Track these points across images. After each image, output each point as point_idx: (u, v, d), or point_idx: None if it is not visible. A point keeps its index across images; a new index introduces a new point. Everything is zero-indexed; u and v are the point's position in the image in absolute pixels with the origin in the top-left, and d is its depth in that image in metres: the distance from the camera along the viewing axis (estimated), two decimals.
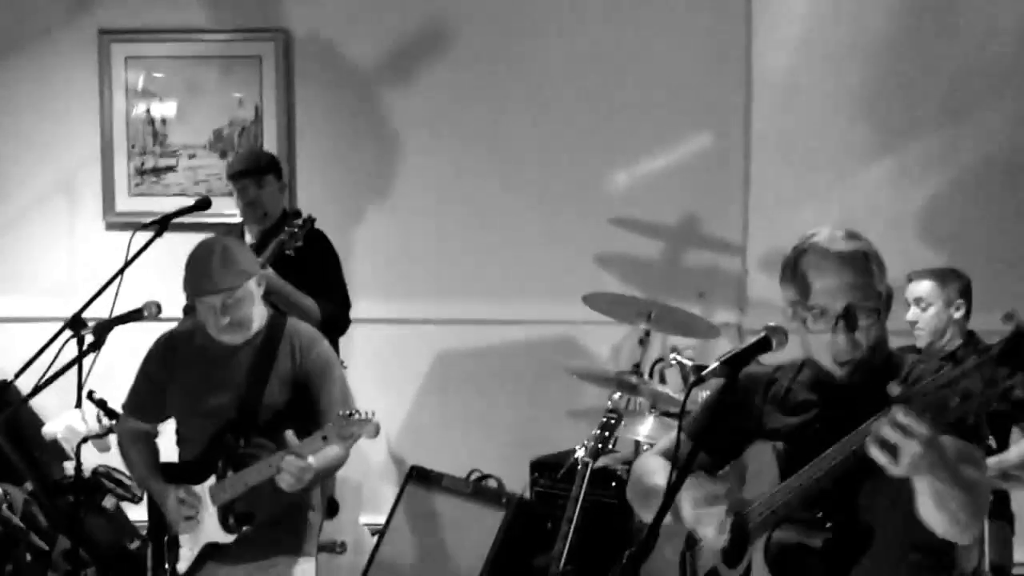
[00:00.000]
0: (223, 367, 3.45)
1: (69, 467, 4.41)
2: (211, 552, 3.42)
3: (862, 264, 2.34)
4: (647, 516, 2.60)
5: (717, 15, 5.31)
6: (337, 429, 3.13)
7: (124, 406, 3.66)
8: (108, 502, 4.95)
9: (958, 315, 4.19)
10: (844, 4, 5.24)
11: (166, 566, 3.43)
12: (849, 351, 2.33)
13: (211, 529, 3.40)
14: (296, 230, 4.27)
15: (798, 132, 5.26)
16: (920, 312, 4.22)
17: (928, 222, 5.22)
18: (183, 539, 3.43)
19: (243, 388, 3.40)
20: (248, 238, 4.52)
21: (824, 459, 2.18)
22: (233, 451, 3.38)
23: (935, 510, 2.14)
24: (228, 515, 3.39)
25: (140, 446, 3.63)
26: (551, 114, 5.40)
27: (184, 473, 3.47)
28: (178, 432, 3.59)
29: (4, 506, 4.34)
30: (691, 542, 2.57)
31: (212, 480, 3.40)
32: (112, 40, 5.44)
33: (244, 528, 3.38)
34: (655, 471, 2.61)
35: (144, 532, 5.14)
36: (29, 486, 4.80)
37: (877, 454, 2.03)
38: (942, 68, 5.17)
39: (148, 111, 5.48)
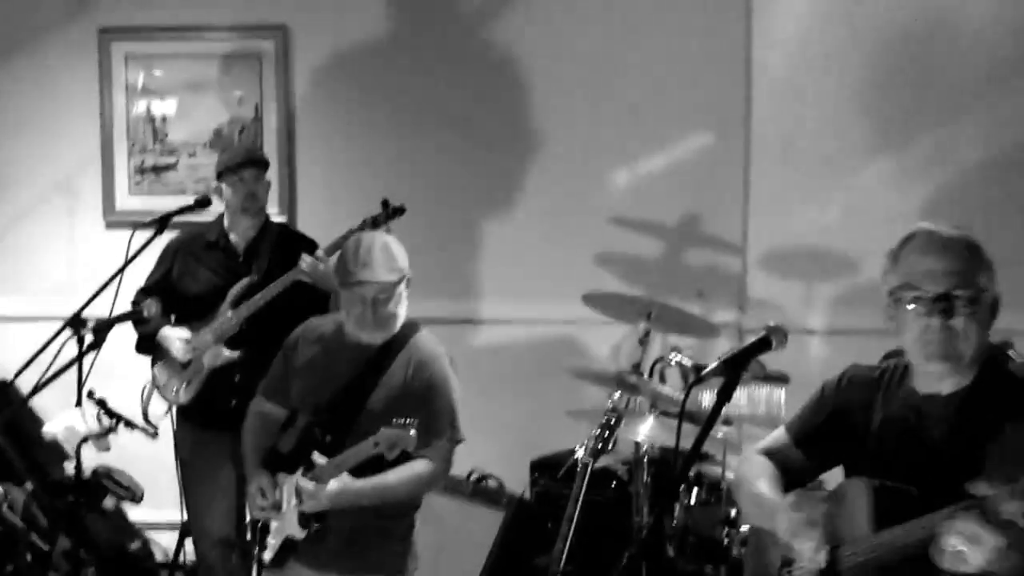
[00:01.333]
0: (343, 365, 3.43)
1: (69, 467, 4.41)
2: (293, 547, 3.38)
3: (965, 252, 2.33)
4: (755, 521, 2.59)
5: (717, 15, 5.30)
6: (386, 435, 3.13)
7: (260, 387, 3.66)
8: (108, 502, 4.96)
9: None
10: (844, 4, 5.24)
11: (255, 550, 3.44)
12: (943, 341, 2.28)
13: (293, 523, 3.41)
14: (382, 218, 4.27)
15: (798, 132, 5.26)
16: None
17: (928, 222, 5.22)
18: (273, 529, 3.43)
19: (349, 389, 3.38)
20: (234, 237, 4.41)
21: (916, 526, 2.14)
22: (320, 446, 3.35)
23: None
24: (302, 512, 3.36)
25: (258, 428, 3.60)
26: (551, 114, 5.40)
27: (280, 462, 3.46)
28: (288, 420, 3.57)
29: (4, 506, 4.35)
30: (787, 561, 2.51)
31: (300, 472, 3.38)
32: (112, 38, 5.44)
33: (315, 526, 3.34)
34: (758, 475, 2.55)
35: (144, 532, 5.18)
36: (29, 486, 4.81)
37: (943, 559, 2.02)
38: (942, 68, 5.17)
39: (148, 109, 5.48)
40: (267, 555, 3.42)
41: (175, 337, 4.28)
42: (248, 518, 3.57)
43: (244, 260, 4.37)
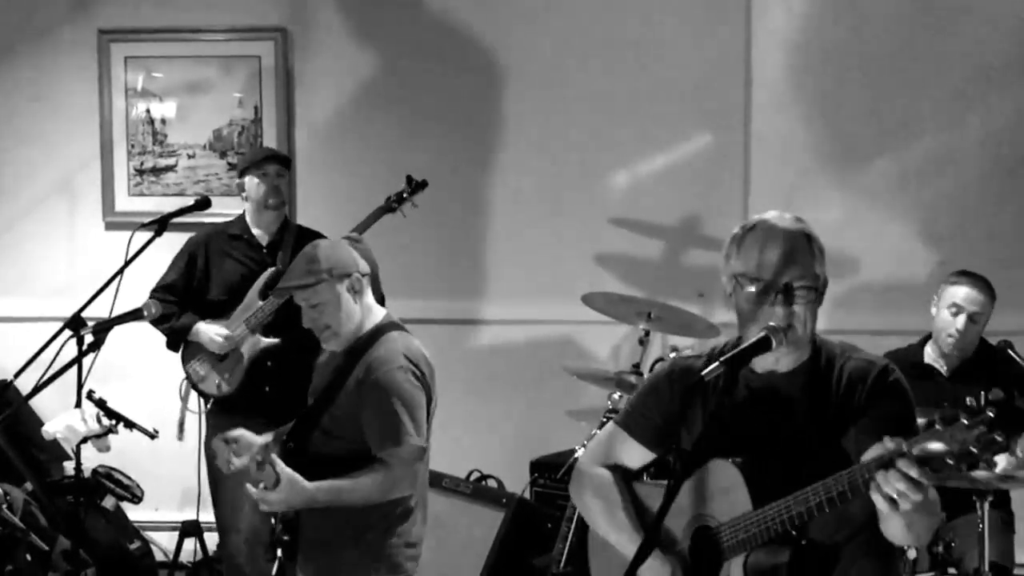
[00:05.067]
0: (324, 373, 3.39)
1: (69, 467, 4.41)
2: (289, 556, 3.34)
3: (804, 245, 2.42)
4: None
5: (717, 15, 5.31)
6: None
7: None
8: (108, 502, 4.96)
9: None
10: (844, 4, 5.24)
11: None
12: (784, 320, 2.36)
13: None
14: (407, 193, 4.36)
15: (798, 132, 5.26)
16: (971, 323, 4.13)
17: (928, 222, 5.23)
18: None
19: (320, 396, 3.34)
20: (257, 231, 4.50)
21: (807, 496, 2.22)
22: (286, 453, 3.30)
23: (903, 530, 2.26)
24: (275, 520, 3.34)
25: None
26: (551, 114, 5.40)
27: None
28: None
29: (4, 506, 4.34)
30: None
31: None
32: (112, 40, 5.44)
33: (279, 528, 3.32)
34: (614, 506, 2.63)
35: (144, 532, 5.18)
36: (29, 486, 4.81)
37: (880, 502, 2.10)
38: (942, 68, 5.17)
39: (148, 111, 5.48)
40: (278, 552, 3.41)
41: (212, 331, 4.35)
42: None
43: (268, 252, 4.47)
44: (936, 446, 2.02)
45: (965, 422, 1.99)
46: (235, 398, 4.38)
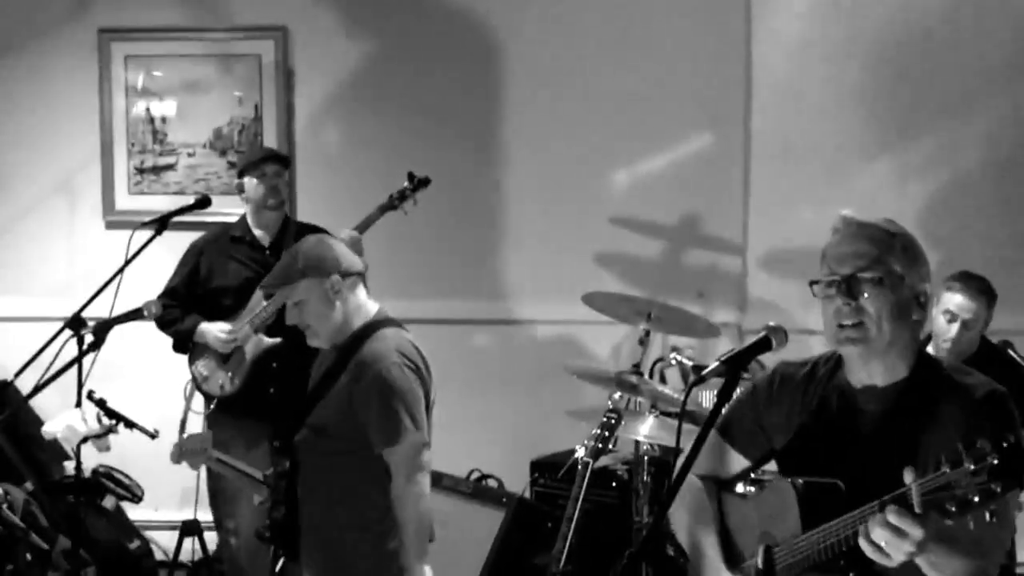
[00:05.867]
0: (318, 369, 3.41)
1: (69, 467, 4.41)
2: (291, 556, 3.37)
3: (880, 237, 2.29)
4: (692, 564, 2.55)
5: (717, 15, 5.30)
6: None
7: None
8: (108, 502, 4.97)
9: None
10: (844, 4, 5.24)
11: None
12: (852, 324, 2.25)
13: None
14: (408, 190, 4.36)
15: (798, 132, 5.26)
16: (964, 331, 4.11)
17: (928, 222, 5.22)
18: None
19: (309, 395, 3.35)
20: (258, 232, 4.49)
21: (845, 522, 2.11)
22: (272, 451, 3.38)
23: (928, 568, 2.11)
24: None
25: None
26: (551, 114, 5.40)
27: None
28: None
29: (4, 506, 4.34)
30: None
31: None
32: (112, 39, 5.44)
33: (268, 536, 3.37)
34: (698, 519, 2.51)
35: (144, 532, 5.18)
36: (29, 486, 4.81)
37: (868, 550, 2.00)
38: (942, 68, 5.17)
39: (148, 110, 5.48)
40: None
41: (216, 331, 4.35)
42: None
43: (271, 252, 4.44)
44: (938, 495, 1.88)
45: (970, 467, 1.83)
46: (238, 399, 4.37)
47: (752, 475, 2.53)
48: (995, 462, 1.80)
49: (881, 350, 2.28)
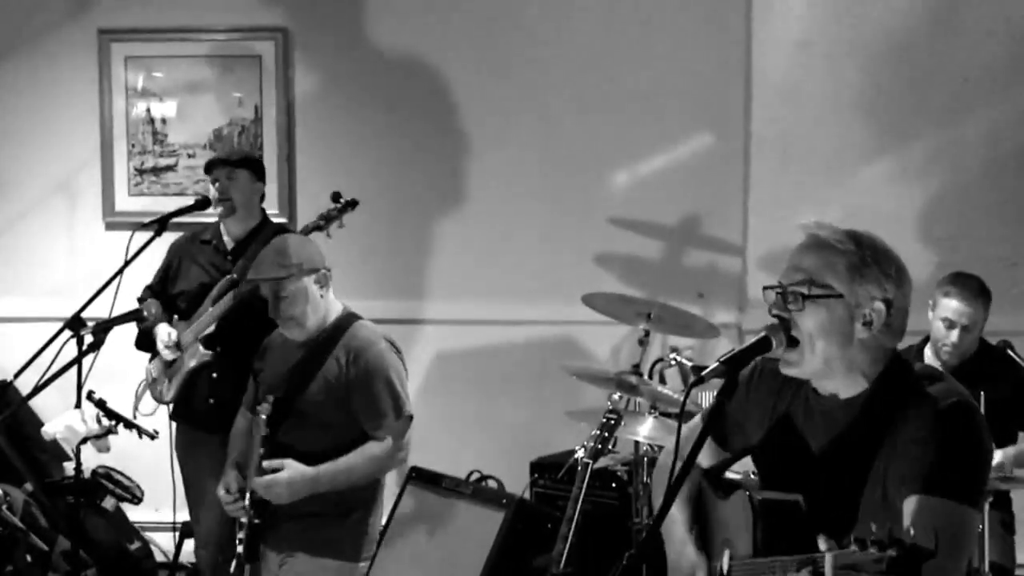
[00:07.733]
0: (287, 363, 3.52)
1: (69, 467, 4.41)
2: (262, 537, 3.48)
3: (825, 253, 2.25)
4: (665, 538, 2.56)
5: (717, 15, 5.30)
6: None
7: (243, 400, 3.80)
8: (108, 502, 4.96)
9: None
10: (844, 4, 5.24)
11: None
12: (783, 334, 2.21)
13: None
14: (335, 212, 4.26)
15: (798, 132, 5.26)
16: (964, 335, 4.09)
17: (928, 222, 5.22)
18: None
19: (289, 383, 3.47)
20: (227, 240, 4.36)
21: (775, 564, 2.07)
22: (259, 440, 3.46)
23: None
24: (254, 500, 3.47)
25: (236, 435, 3.75)
26: (551, 114, 5.40)
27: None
28: None
29: (4, 506, 4.34)
30: None
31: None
32: (112, 40, 5.44)
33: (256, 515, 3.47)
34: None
35: (144, 532, 5.18)
36: (29, 486, 4.81)
37: None
38: (942, 68, 5.17)
39: (148, 111, 5.48)
40: (239, 549, 3.48)
41: (163, 335, 4.27)
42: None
43: (232, 258, 4.33)
44: (847, 571, 1.85)
45: (874, 554, 1.81)
46: (180, 407, 4.33)
47: (727, 472, 2.53)
48: (893, 555, 1.80)
49: (819, 370, 2.23)
